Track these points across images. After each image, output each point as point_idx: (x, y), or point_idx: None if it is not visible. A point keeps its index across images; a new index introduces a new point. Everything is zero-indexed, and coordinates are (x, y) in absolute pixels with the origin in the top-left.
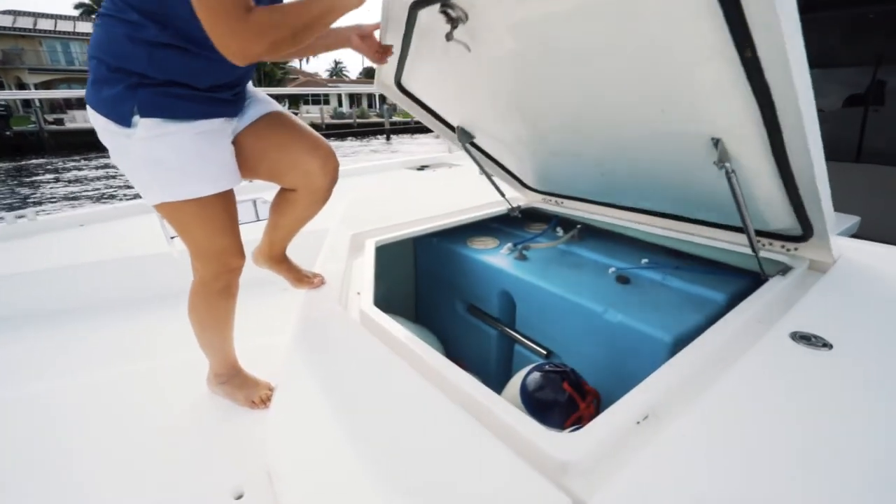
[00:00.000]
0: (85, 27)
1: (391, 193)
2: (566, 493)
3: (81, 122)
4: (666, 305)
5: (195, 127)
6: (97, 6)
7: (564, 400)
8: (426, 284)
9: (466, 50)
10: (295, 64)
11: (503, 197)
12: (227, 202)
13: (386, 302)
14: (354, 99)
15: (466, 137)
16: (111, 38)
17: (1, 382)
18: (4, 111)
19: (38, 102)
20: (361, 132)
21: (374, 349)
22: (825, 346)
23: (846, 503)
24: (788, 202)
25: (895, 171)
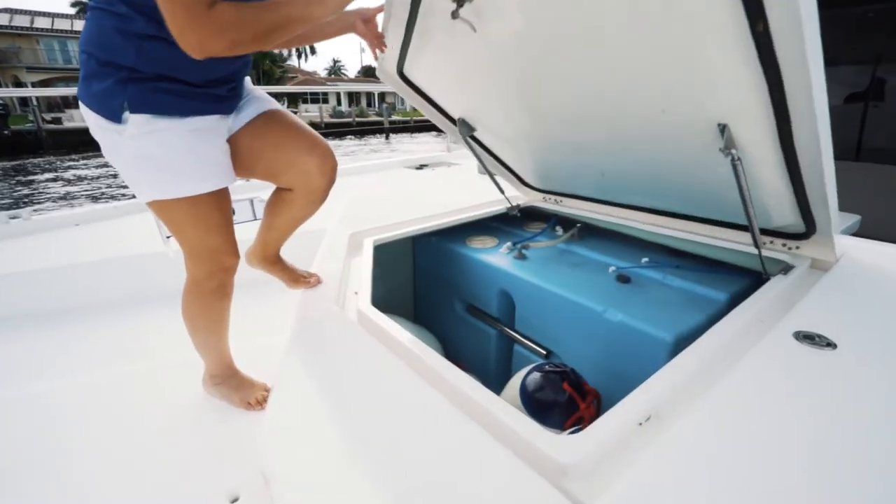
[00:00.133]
0: (82, 25)
1: (390, 192)
2: (567, 496)
3: (79, 121)
4: (666, 305)
5: (188, 124)
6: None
7: (564, 400)
8: (425, 284)
9: (472, 30)
10: (293, 62)
11: (502, 194)
12: (220, 201)
13: (384, 302)
14: (353, 98)
15: (467, 130)
16: (101, 31)
17: (1, 382)
18: (2, 110)
19: (35, 101)
20: (360, 131)
21: (371, 350)
22: (829, 345)
23: None
24: (793, 195)
25: (895, 169)
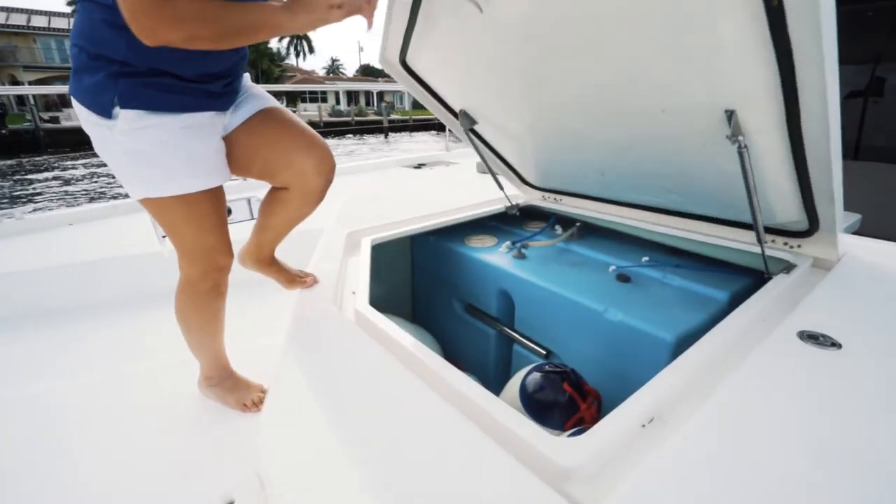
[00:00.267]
0: None
1: (388, 192)
2: (569, 500)
3: (77, 120)
4: (667, 304)
5: (180, 120)
6: None
7: (565, 401)
8: (423, 283)
9: (479, 10)
10: (291, 61)
11: (502, 190)
12: (215, 200)
13: (382, 301)
14: (352, 97)
15: (468, 122)
16: (91, 24)
17: (1, 382)
18: (0, 109)
19: (32, 100)
20: (359, 130)
21: (369, 350)
22: (834, 345)
23: None
24: (798, 189)
25: (894, 168)
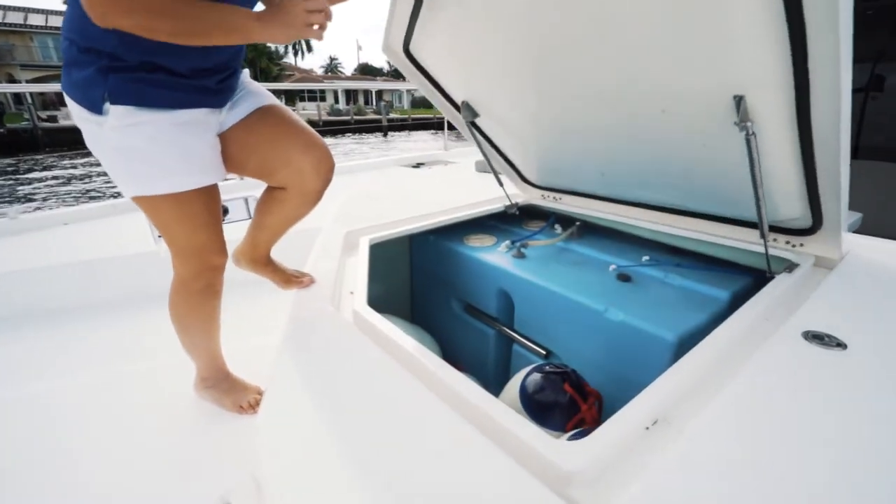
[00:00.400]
0: None
1: (386, 191)
2: None
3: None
4: (668, 304)
5: (173, 117)
6: None
7: (565, 402)
8: (422, 283)
9: None
10: (290, 60)
11: (501, 187)
12: (208, 198)
13: (380, 302)
14: (351, 95)
15: (470, 114)
16: (81, 16)
17: (1, 382)
18: None
19: (30, 99)
20: (358, 129)
21: (367, 351)
22: (839, 345)
23: None
24: (804, 184)
25: (894, 166)
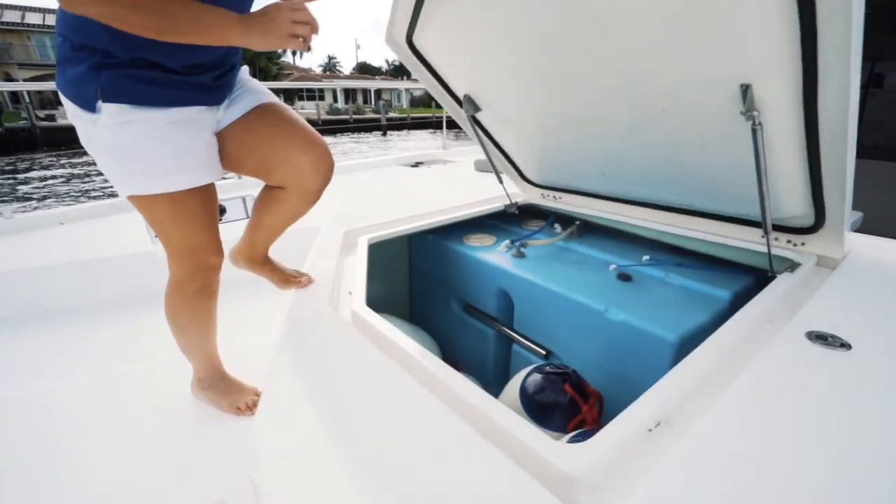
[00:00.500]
0: None
1: (385, 190)
2: None
3: None
4: (669, 303)
5: (167, 115)
6: None
7: (566, 402)
8: (421, 283)
9: None
10: (288, 59)
11: (501, 184)
12: (204, 197)
13: (379, 301)
14: (349, 94)
15: (472, 109)
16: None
17: (1, 382)
18: None
19: (27, 98)
20: (358, 128)
21: (366, 351)
22: (843, 346)
23: None
24: (808, 178)
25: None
